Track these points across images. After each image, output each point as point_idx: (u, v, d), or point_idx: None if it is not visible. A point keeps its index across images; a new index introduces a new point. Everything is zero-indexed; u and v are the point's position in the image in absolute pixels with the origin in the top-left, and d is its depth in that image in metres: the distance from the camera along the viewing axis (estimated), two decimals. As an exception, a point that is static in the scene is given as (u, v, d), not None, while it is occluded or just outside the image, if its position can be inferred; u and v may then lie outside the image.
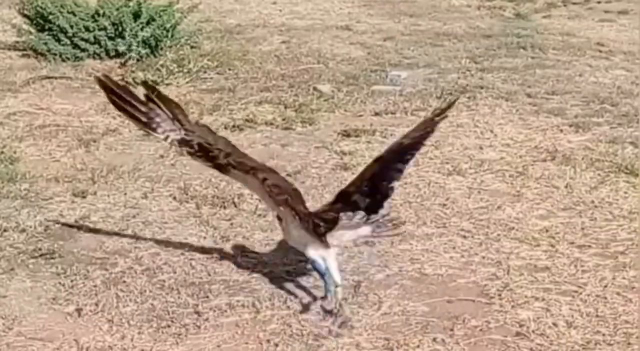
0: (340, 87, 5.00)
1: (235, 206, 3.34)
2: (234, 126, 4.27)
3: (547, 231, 3.17)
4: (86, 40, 5.21)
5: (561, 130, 4.29)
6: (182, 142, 2.46)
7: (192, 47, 5.64)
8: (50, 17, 5.18)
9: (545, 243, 3.08)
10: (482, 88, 4.98)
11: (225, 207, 3.33)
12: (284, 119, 4.40)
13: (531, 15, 7.29)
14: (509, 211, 3.34)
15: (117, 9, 5.23)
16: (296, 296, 2.70)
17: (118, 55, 5.25)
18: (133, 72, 5.06)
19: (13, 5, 5.92)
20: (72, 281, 2.74)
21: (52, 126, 4.17)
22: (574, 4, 7.80)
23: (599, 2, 7.87)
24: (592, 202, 3.42)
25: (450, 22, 6.96)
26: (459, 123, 4.40)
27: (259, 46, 6.02)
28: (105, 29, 5.21)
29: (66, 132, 4.09)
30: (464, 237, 3.12)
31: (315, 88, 4.95)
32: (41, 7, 5.20)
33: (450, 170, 3.75)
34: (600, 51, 5.98)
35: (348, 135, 4.19)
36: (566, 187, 3.57)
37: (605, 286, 2.78)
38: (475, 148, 4.03)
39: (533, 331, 2.53)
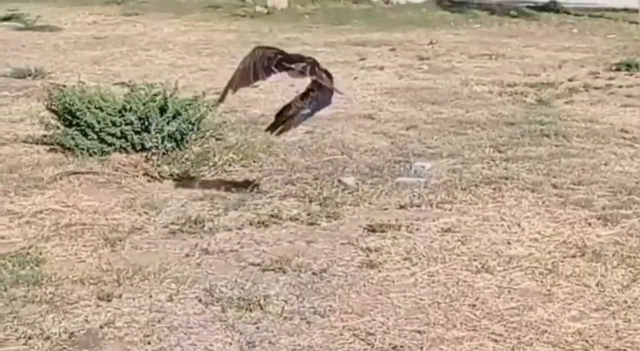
0: (365, 179, 5.00)
1: (262, 308, 3.30)
2: (259, 222, 4.26)
3: (580, 334, 3.10)
4: (113, 135, 5.28)
5: (589, 224, 4.24)
6: None
7: (217, 139, 5.70)
8: (78, 113, 5.26)
9: (579, 348, 3.00)
10: (507, 179, 4.96)
11: (251, 310, 3.28)
12: (308, 214, 4.39)
13: (553, 101, 7.31)
14: (541, 312, 3.27)
15: (144, 104, 5.31)
16: (325, 408, 2.63)
17: (144, 149, 5.30)
18: (159, 166, 5.10)
19: (41, 98, 6.04)
20: (96, 393, 2.70)
21: (78, 225, 4.18)
22: (596, 88, 7.84)
23: (620, 87, 7.91)
24: (625, 301, 3.35)
25: (473, 109, 7.00)
26: (485, 216, 4.37)
27: (283, 137, 6.03)
28: (131, 123, 5.28)
29: (92, 231, 4.10)
30: (496, 341, 3.05)
31: (339, 181, 4.96)
32: (69, 103, 5.29)
33: (479, 268, 3.69)
34: (625, 138, 5.97)
35: (374, 231, 4.16)
36: (597, 285, 3.50)
37: (644, 395, 2.69)
38: (502, 244, 3.99)
39: None
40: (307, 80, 4.45)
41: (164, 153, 5.26)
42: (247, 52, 4.54)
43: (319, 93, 4.39)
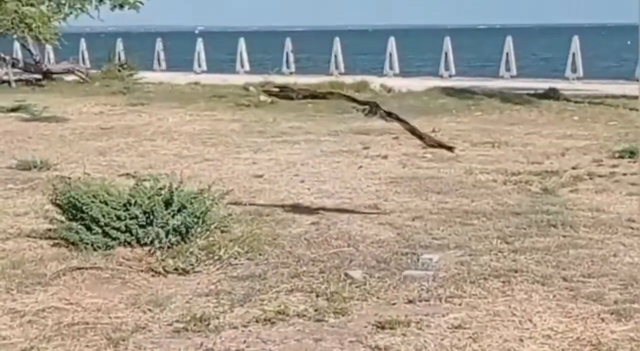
0: (372, 273, 4.93)
1: (269, 413, 3.20)
2: (265, 319, 4.18)
3: None
4: (117, 229, 5.25)
5: (602, 319, 4.15)
6: None
7: (222, 232, 5.66)
8: (82, 207, 5.24)
9: None
10: (516, 272, 4.89)
11: None
12: (316, 310, 4.31)
13: (558, 189, 7.30)
14: None
15: (149, 198, 5.30)
16: None
17: (149, 242, 5.26)
18: (163, 260, 5.05)
19: (46, 191, 6.04)
20: None
21: (80, 324, 4.10)
22: (600, 176, 7.84)
23: (624, 175, 7.91)
24: (645, 403, 3.24)
25: (478, 198, 6.98)
26: (496, 311, 4.29)
27: (289, 228, 6.03)
28: (136, 217, 5.26)
29: (95, 330, 4.01)
30: None
31: (346, 275, 4.89)
32: (74, 197, 5.28)
33: (492, 367, 3.60)
34: (632, 228, 5.92)
35: (383, 327, 4.07)
36: (615, 385, 3.40)
37: None
38: (515, 341, 3.89)
39: None
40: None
41: (168, 247, 5.22)
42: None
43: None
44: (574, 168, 8.30)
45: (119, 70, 20.18)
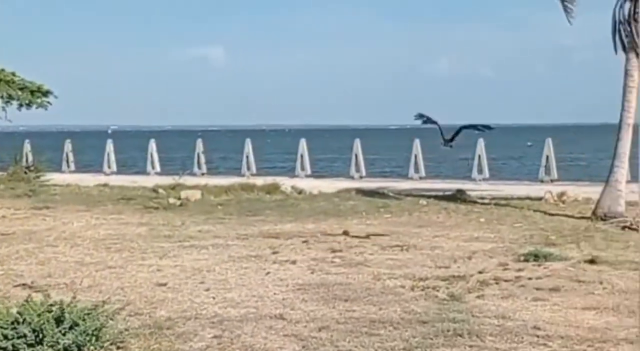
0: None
1: None
2: None
3: None
4: (3, 349, 4.92)
5: None
6: None
7: (118, 348, 5.39)
8: (-34, 326, 4.92)
9: None
10: (421, 388, 4.78)
11: None
12: None
13: (465, 295, 7.29)
14: None
15: (39, 315, 5.02)
16: None
17: (37, 363, 4.95)
18: (52, 383, 4.75)
19: None
20: None
21: None
22: (506, 281, 7.89)
23: (529, 279, 7.98)
24: None
25: (385, 306, 6.90)
26: None
27: (190, 343, 5.79)
28: (25, 336, 4.96)
29: None
30: None
31: (247, 395, 4.69)
32: (-43, 316, 4.96)
33: None
34: (538, 336, 5.92)
35: None
36: None
37: None
38: None
39: None
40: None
41: (58, 368, 4.91)
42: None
43: None
44: (480, 272, 8.34)
45: (25, 172, 19.69)
